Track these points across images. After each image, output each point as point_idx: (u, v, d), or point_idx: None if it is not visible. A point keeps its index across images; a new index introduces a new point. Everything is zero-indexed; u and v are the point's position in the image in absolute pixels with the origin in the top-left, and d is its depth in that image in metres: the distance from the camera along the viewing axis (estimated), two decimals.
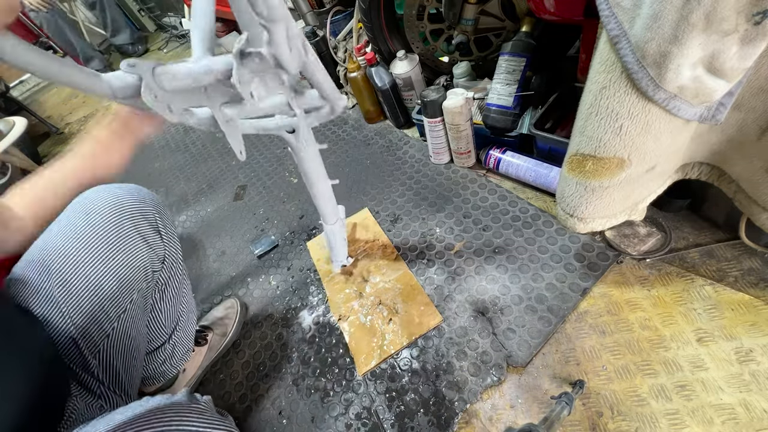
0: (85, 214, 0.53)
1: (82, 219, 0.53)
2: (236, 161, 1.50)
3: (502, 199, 0.92)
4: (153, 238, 0.58)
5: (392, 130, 1.28)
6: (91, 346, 0.51)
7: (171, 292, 0.66)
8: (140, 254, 0.56)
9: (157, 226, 0.60)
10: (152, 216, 0.59)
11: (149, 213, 0.59)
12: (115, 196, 0.56)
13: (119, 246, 0.54)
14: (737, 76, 0.38)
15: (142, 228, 0.57)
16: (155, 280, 0.60)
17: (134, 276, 0.55)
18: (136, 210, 0.57)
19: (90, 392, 0.51)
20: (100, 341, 0.52)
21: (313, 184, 0.71)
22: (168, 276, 0.63)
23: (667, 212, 0.76)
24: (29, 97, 3.60)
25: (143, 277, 0.57)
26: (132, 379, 0.58)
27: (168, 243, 0.62)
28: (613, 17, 0.38)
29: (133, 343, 0.57)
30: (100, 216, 0.53)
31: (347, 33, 1.35)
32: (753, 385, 0.55)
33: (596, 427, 0.58)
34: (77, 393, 0.49)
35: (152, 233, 0.59)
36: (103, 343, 0.52)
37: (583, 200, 0.54)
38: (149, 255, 0.58)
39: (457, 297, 0.79)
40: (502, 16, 0.94)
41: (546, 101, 0.87)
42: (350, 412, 0.71)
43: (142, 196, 0.60)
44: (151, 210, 0.59)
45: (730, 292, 0.63)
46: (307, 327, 0.86)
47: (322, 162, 0.69)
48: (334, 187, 0.76)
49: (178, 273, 0.67)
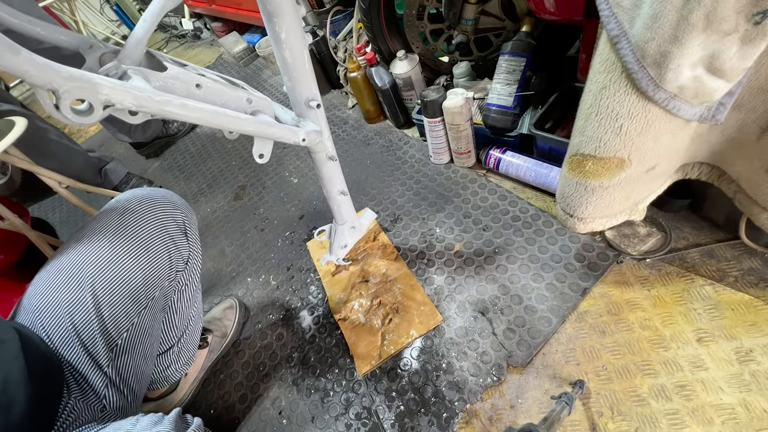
0: (119, 215, 0.56)
1: (116, 219, 0.55)
2: (236, 161, 1.50)
3: (502, 199, 0.92)
4: (180, 240, 0.61)
5: (392, 130, 1.28)
6: (109, 340, 0.52)
7: (188, 295, 0.67)
8: (167, 254, 0.58)
9: (185, 229, 0.62)
10: (180, 218, 0.61)
11: (177, 215, 0.61)
12: (148, 197, 0.59)
13: (148, 243, 0.56)
14: (737, 76, 0.38)
15: (171, 229, 0.59)
16: (177, 280, 0.62)
17: (159, 274, 0.57)
18: (166, 211, 0.59)
19: (94, 391, 0.51)
20: (119, 335, 0.53)
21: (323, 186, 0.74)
22: (188, 277, 0.65)
23: (667, 212, 0.76)
24: (29, 97, 3.60)
25: (167, 275, 0.59)
26: (142, 379, 0.58)
27: (192, 245, 0.64)
28: (613, 17, 0.38)
29: (148, 341, 0.58)
30: (132, 215, 0.56)
31: (347, 33, 1.35)
32: (753, 385, 0.55)
33: (596, 427, 0.58)
34: (78, 394, 0.49)
35: (180, 235, 0.61)
36: (122, 337, 0.53)
37: (583, 200, 0.54)
38: (175, 255, 0.60)
39: (457, 297, 0.79)
40: (502, 16, 0.94)
41: (546, 101, 0.87)
42: (350, 412, 0.71)
43: (173, 200, 0.62)
44: (180, 213, 0.62)
45: (730, 292, 0.63)
46: (307, 327, 0.86)
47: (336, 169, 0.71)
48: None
49: (196, 277, 0.68)
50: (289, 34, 0.49)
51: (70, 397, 0.48)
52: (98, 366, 0.51)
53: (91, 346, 0.50)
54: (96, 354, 0.51)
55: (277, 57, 0.52)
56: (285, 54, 0.51)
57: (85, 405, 0.49)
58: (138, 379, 0.57)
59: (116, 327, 0.52)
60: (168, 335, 0.67)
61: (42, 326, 0.50)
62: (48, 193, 1.84)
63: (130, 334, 0.54)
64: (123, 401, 0.54)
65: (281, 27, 0.48)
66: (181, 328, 0.69)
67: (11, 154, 1.25)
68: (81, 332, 0.50)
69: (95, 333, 0.51)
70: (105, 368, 0.52)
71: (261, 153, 0.52)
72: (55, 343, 0.49)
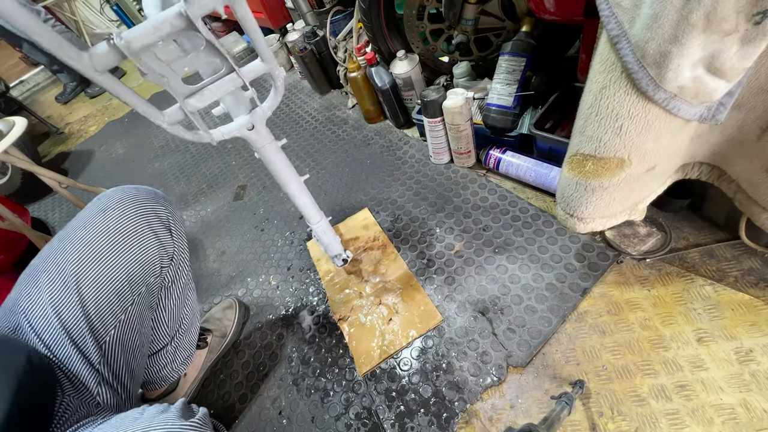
0: (102, 211, 0.55)
1: (99, 215, 0.55)
2: (236, 161, 1.50)
3: (502, 199, 0.92)
4: (164, 235, 0.60)
5: (392, 130, 1.28)
6: (98, 337, 0.52)
7: (176, 292, 0.67)
8: (151, 249, 0.58)
9: (169, 225, 0.62)
10: (164, 214, 0.61)
11: (161, 211, 0.61)
12: (131, 194, 0.59)
13: (132, 239, 0.56)
14: (737, 76, 0.38)
15: (154, 224, 0.59)
16: (162, 277, 0.62)
17: (144, 270, 0.57)
18: (150, 207, 0.59)
19: (87, 389, 0.51)
20: (107, 332, 0.53)
21: (285, 184, 0.72)
22: (175, 274, 0.65)
23: (667, 212, 0.76)
24: (29, 97, 3.60)
25: (152, 271, 0.58)
26: (133, 376, 0.58)
27: (177, 241, 0.64)
28: (613, 17, 0.38)
29: (138, 338, 0.58)
30: (115, 211, 0.56)
31: (347, 33, 1.35)
32: (753, 385, 0.55)
33: (596, 427, 0.58)
34: (72, 391, 0.49)
35: (163, 230, 0.60)
36: (110, 335, 0.53)
37: (583, 200, 0.54)
38: (159, 251, 0.59)
39: (457, 297, 0.79)
40: (502, 16, 0.94)
41: (546, 101, 0.87)
42: (350, 412, 0.71)
43: (156, 196, 0.62)
44: (164, 209, 0.62)
45: (730, 292, 0.63)
46: (307, 327, 0.86)
47: (286, 159, 0.69)
48: (333, 186, 0.76)
49: (184, 273, 0.68)
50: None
51: (64, 395, 0.48)
52: (89, 363, 0.51)
53: (81, 344, 0.50)
54: (86, 351, 0.51)
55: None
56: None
57: (80, 402, 0.49)
58: (130, 376, 0.57)
59: (103, 324, 0.52)
60: (159, 333, 0.67)
61: (30, 326, 0.49)
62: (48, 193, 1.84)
63: (118, 331, 0.54)
64: (117, 398, 0.54)
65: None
66: (172, 326, 0.68)
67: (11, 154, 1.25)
68: (70, 330, 0.50)
69: (84, 331, 0.50)
70: (96, 365, 0.51)
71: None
72: (46, 341, 0.49)
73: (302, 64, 1.51)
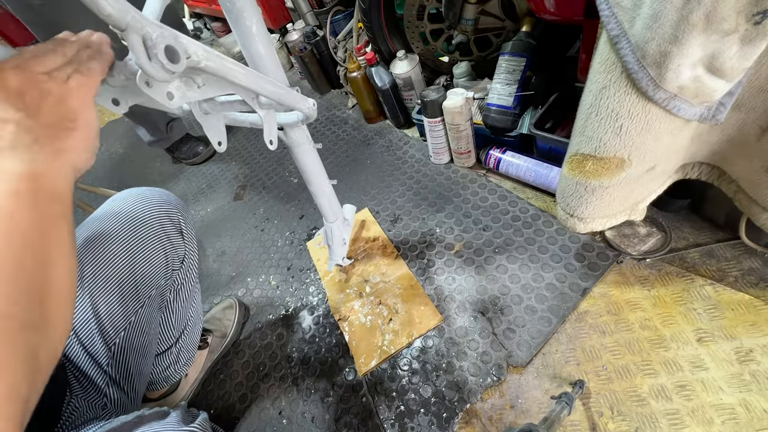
0: (115, 214, 0.56)
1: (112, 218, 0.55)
2: (236, 161, 1.50)
3: (502, 199, 0.92)
4: (176, 238, 0.61)
5: (392, 130, 1.28)
6: (107, 338, 0.52)
7: (184, 294, 0.67)
8: (163, 252, 0.58)
9: (180, 227, 0.62)
10: (176, 217, 0.62)
11: (174, 213, 0.61)
12: (145, 196, 0.59)
13: (144, 242, 0.56)
14: (737, 76, 0.38)
15: (167, 227, 0.59)
16: (173, 279, 0.62)
17: (155, 272, 0.57)
18: (162, 210, 0.59)
19: (96, 389, 0.51)
20: (117, 334, 0.53)
21: (310, 182, 0.72)
22: (184, 276, 0.65)
23: (667, 212, 0.76)
24: None
25: (163, 273, 0.59)
26: (141, 377, 0.59)
27: (188, 244, 0.64)
28: (613, 17, 0.38)
29: (146, 339, 0.58)
30: (127, 214, 0.56)
31: (347, 33, 1.35)
32: (753, 385, 0.55)
33: (596, 427, 0.58)
34: (79, 392, 0.49)
35: (175, 233, 0.61)
36: (120, 336, 0.54)
37: (583, 200, 0.54)
38: (171, 253, 0.60)
39: (457, 297, 0.79)
40: (502, 16, 0.94)
41: (546, 101, 0.87)
42: (350, 412, 0.71)
43: (169, 199, 0.62)
44: (176, 211, 0.62)
45: (730, 292, 0.63)
46: (307, 327, 0.86)
47: (319, 160, 0.70)
48: (334, 187, 0.76)
49: (193, 275, 0.68)
50: (259, 26, 0.49)
51: (72, 396, 0.48)
52: (98, 364, 0.51)
53: (89, 345, 0.51)
54: (95, 353, 0.51)
55: (246, 54, 0.52)
56: (258, 47, 0.51)
57: (87, 403, 0.50)
58: (139, 376, 0.57)
59: (113, 326, 0.52)
60: (166, 335, 0.67)
61: None
62: None
63: (128, 333, 0.54)
64: (124, 398, 0.54)
65: (252, 20, 0.48)
66: (179, 327, 0.69)
67: None
68: (79, 331, 0.50)
69: (93, 332, 0.51)
70: (105, 366, 0.52)
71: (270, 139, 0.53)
72: None
73: (302, 64, 1.51)
